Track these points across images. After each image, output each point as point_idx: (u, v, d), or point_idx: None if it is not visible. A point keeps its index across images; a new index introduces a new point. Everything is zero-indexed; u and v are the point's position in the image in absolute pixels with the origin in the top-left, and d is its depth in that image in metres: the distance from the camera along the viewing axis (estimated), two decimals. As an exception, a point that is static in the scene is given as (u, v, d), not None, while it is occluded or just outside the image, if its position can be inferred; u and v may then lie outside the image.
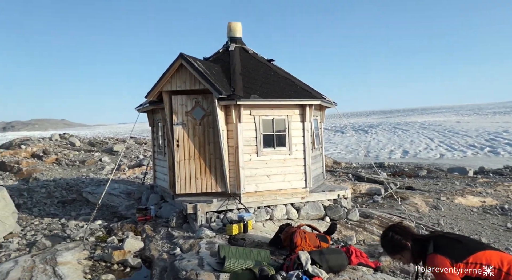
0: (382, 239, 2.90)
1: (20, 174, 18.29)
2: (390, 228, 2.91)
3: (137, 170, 17.14)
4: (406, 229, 2.85)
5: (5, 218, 7.13)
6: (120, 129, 60.20)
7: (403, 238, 2.75)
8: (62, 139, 26.19)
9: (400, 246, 2.74)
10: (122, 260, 5.72)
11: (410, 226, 3.01)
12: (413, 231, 2.90)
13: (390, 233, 2.83)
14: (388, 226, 3.05)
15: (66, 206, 9.49)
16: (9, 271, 5.00)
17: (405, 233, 2.79)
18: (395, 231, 2.83)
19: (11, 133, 55.65)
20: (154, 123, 9.28)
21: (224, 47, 8.85)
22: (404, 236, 2.76)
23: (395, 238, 2.78)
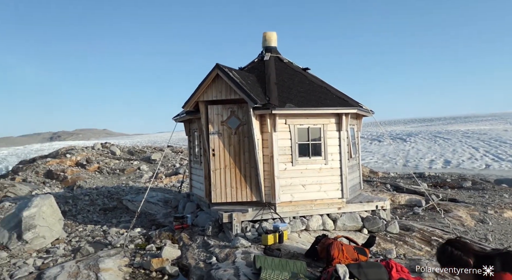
0: (440, 254, 2.67)
1: (66, 182, 19.27)
2: (449, 243, 2.69)
3: (174, 178, 17.54)
4: (466, 245, 2.62)
5: (52, 224, 7.51)
6: (158, 138, 62.03)
7: (463, 254, 2.53)
8: (104, 148, 27.35)
9: (460, 262, 2.53)
10: (160, 267, 5.83)
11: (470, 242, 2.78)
12: (474, 247, 2.68)
13: (449, 247, 2.61)
14: (447, 240, 2.83)
15: (107, 213, 9.85)
16: (56, 276, 5.24)
17: (466, 248, 2.57)
18: (454, 246, 2.61)
19: (58, 143, 58.88)
20: (190, 133, 9.48)
21: (259, 57, 8.93)
22: (465, 252, 2.55)
23: (454, 253, 2.56)
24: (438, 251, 2.70)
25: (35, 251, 6.93)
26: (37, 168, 21.62)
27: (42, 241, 7.17)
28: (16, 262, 6.29)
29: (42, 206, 7.54)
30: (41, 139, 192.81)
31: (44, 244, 7.18)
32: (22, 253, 6.78)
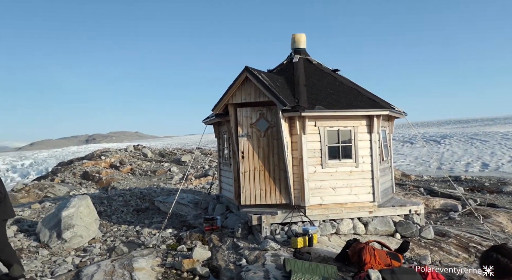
0: (484, 260, 2.54)
1: (100, 183, 19.99)
2: (495, 249, 2.53)
3: (203, 180, 17.78)
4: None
5: (89, 224, 7.81)
6: (187, 140, 63.18)
7: (510, 261, 2.41)
8: (136, 150, 28.16)
9: (507, 271, 2.40)
10: (191, 268, 5.93)
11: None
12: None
13: (495, 254, 2.46)
14: (492, 246, 2.66)
15: (140, 214, 10.12)
16: (93, 274, 5.44)
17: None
18: (501, 252, 2.45)
19: (93, 145, 61.22)
20: (219, 135, 9.59)
21: (288, 59, 8.91)
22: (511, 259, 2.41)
23: (501, 260, 2.40)
24: (482, 257, 2.55)
25: (73, 249, 7.24)
26: (74, 169, 22.56)
27: (80, 240, 7.47)
28: (56, 259, 6.60)
29: (79, 206, 7.86)
30: (78, 142, 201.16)
31: (82, 243, 7.48)
32: (61, 251, 7.09)
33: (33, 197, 17.20)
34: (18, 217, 8.94)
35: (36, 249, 7.06)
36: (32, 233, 7.77)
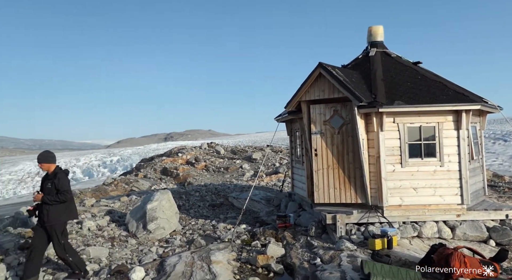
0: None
1: (178, 179, 21.22)
2: None
3: (274, 177, 17.92)
4: None
5: (170, 217, 8.32)
6: (258, 138, 64.23)
7: None
8: (210, 148, 29.38)
9: None
10: (265, 264, 6.00)
11: None
12: None
13: None
14: None
15: (215, 209, 10.52)
16: (175, 264, 5.78)
17: None
18: None
19: (171, 143, 65.29)
20: (292, 133, 9.55)
21: (364, 53, 8.54)
22: None
23: None
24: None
25: (157, 240, 7.77)
26: (155, 165, 24.26)
27: (162, 231, 7.99)
28: (143, 249, 7.14)
29: (162, 200, 8.41)
30: (157, 139, 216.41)
31: (164, 235, 7.99)
32: (147, 241, 7.66)
33: (120, 190, 18.89)
34: (109, 208, 9.86)
35: (125, 238, 7.71)
36: (122, 223, 8.50)
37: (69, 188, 5.67)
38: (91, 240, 7.42)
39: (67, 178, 5.73)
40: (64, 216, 5.66)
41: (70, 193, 5.67)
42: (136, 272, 5.45)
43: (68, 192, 5.62)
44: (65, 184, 5.59)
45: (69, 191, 5.66)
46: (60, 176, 5.62)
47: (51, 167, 5.74)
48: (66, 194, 5.56)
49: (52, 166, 5.76)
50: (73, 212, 5.83)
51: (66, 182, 5.67)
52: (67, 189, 5.58)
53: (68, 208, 5.69)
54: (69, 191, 5.66)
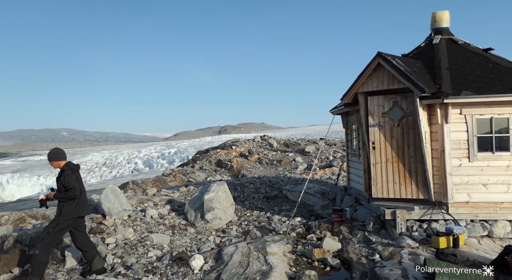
0: None
1: (232, 170, 21.69)
2: None
3: (328, 171, 17.64)
4: None
5: (226, 208, 8.56)
6: (310, 131, 63.47)
7: None
8: (263, 140, 29.62)
9: None
10: (321, 258, 5.97)
11: None
12: None
13: None
14: None
15: (270, 201, 10.63)
16: (233, 254, 5.95)
17: None
18: None
19: (224, 136, 66.81)
20: (348, 125, 9.32)
21: (427, 41, 8.05)
22: None
23: None
24: None
25: (214, 230, 8.04)
26: (210, 157, 25.00)
27: (219, 222, 8.25)
28: (201, 237, 7.43)
29: (218, 191, 8.67)
30: (212, 132, 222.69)
31: (220, 225, 8.25)
32: (204, 230, 7.96)
33: (178, 181, 19.77)
34: (169, 198, 10.36)
35: (185, 226, 8.08)
36: (181, 212, 8.91)
37: (76, 184, 5.54)
38: (154, 227, 7.87)
39: (74, 174, 5.61)
40: (74, 213, 5.59)
41: (78, 190, 5.55)
42: (196, 260, 5.70)
43: (75, 189, 5.51)
44: (71, 181, 5.51)
45: (77, 187, 5.54)
46: (66, 173, 5.58)
47: (60, 164, 5.71)
48: (73, 191, 5.49)
49: (61, 163, 5.73)
50: (83, 208, 5.73)
51: (73, 178, 5.55)
52: (73, 186, 5.49)
53: (78, 204, 5.62)
54: (77, 188, 5.54)
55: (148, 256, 6.39)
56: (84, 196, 5.82)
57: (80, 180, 5.73)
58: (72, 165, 5.77)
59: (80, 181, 5.72)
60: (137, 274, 5.50)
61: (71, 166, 5.72)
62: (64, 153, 5.88)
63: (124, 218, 8.04)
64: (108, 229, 7.39)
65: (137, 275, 5.48)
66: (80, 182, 5.73)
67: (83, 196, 5.77)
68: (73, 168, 5.70)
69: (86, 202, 5.90)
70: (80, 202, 5.65)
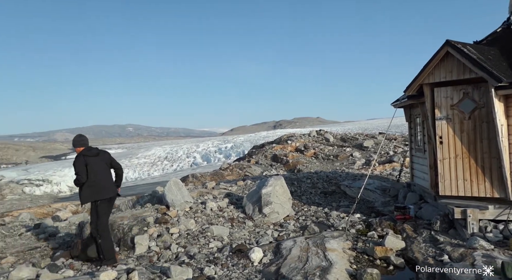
0: None
1: (287, 165, 21.67)
2: None
3: (388, 166, 16.92)
4: None
5: (283, 202, 8.59)
6: (368, 125, 61.27)
7: None
8: (319, 135, 29.18)
9: None
10: (384, 256, 5.75)
11: None
12: None
13: None
14: None
15: (327, 197, 10.46)
16: (291, 248, 5.96)
17: None
18: None
19: (280, 131, 66.94)
20: (411, 119, 8.85)
21: (504, 25, 7.35)
22: None
23: None
24: None
25: (271, 224, 8.11)
26: (265, 152, 25.20)
27: (276, 216, 8.30)
28: (259, 231, 7.54)
29: (275, 185, 8.72)
30: (267, 127, 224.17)
31: (278, 219, 8.29)
32: (262, 224, 8.06)
33: (235, 175, 20.20)
34: (228, 191, 10.63)
35: (243, 219, 8.25)
36: (239, 205, 9.10)
37: (80, 170, 5.65)
38: (214, 219, 8.13)
39: (80, 160, 5.71)
40: (89, 197, 5.77)
41: (83, 175, 5.65)
42: (255, 252, 5.80)
43: (79, 174, 5.63)
44: (76, 167, 5.69)
45: (81, 173, 5.64)
46: (74, 160, 5.79)
47: (79, 150, 5.90)
48: (78, 176, 5.64)
49: (79, 149, 5.91)
50: (98, 192, 5.81)
51: (78, 165, 5.69)
52: (77, 171, 5.66)
53: (93, 188, 5.75)
54: (81, 173, 5.64)
55: (209, 247, 6.62)
56: (105, 180, 5.95)
57: (96, 165, 5.83)
58: (86, 151, 5.90)
59: (96, 165, 5.83)
60: (199, 264, 5.73)
61: (84, 152, 5.85)
62: (84, 140, 6.03)
63: (186, 209, 8.40)
64: (172, 219, 7.77)
65: (199, 264, 5.71)
66: (97, 167, 5.85)
67: (103, 179, 5.90)
68: (86, 153, 5.84)
69: (108, 186, 5.98)
70: (95, 186, 5.78)
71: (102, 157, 6.02)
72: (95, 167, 5.82)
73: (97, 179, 5.83)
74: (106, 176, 6.03)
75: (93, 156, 5.89)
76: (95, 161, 5.87)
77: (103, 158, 6.04)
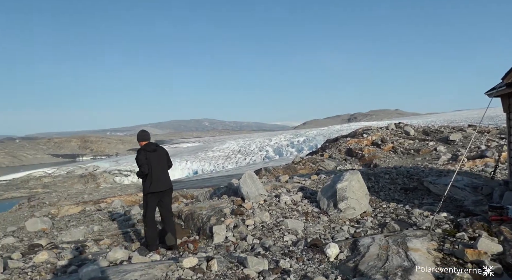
0: None
1: (363, 160, 20.86)
2: None
3: (478, 162, 15.34)
4: None
5: (360, 198, 8.26)
6: (455, 117, 56.16)
7: None
8: (397, 128, 27.55)
9: None
10: (476, 260, 5.20)
11: None
12: None
13: None
14: None
15: (408, 193, 9.82)
16: (369, 245, 5.70)
17: None
18: None
19: (354, 124, 64.74)
20: (510, 109, 7.85)
21: None
22: None
23: None
24: None
25: (347, 219, 7.85)
26: (339, 146, 24.55)
27: (353, 212, 8.01)
28: (334, 226, 7.35)
29: (351, 180, 8.42)
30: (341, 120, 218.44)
31: (354, 215, 8.00)
32: (337, 219, 7.85)
33: (308, 169, 20.02)
34: (301, 185, 10.55)
35: (317, 214, 8.12)
36: (313, 200, 8.97)
37: (142, 163, 6.13)
38: (288, 213, 8.13)
39: (141, 154, 6.20)
40: (148, 189, 6.24)
41: (145, 168, 6.11)
42: (331, 248, 5.65)
43: (141, 166, 6.11)
44: (139, 160, 6.16)
45: (143, 166, 6.12)
46: (136, 154, 6.28)
47: (141, 144, 6.41)
48: (140, 169, 6.12)
49: (142, 143, 6.41)
50: (156, 185, 6.28)
51: (141, 157, 6.17)
52: (139, 164, 6.14)
53: (152, 181, 6.21)
54: (143, 166, 6.11)
55: (284, 240, 6.63)
56: (160, 174, 6.38)
57: (154, 159, 6.28)
58: (146, 146, 6.38)
59: (153, 160, 6.27)
60: (275, 256, 5.77)
61: (144, 147, 6.33)
62: (146, 135, 6.51)
63: (260, 202, 8.53)
64: (247, 211, 7.95)
65: (275, 256, 5.75)
66: (154, 161, 6.28)
67: (158, 174, 6.33)
68: (145, 148, 6.31)
69: (163, 180, 6.42)
70: (154, 179, 6.24)
71: (159, 152, 6.51)
72: (152, 161, 6.31)
73: (153, 173, 6.29)
74: (161, 170, 6.47)
75: (151, 151, 6.39)
76: (153, 156, 6.35)
77: (160, 154, 6.50)
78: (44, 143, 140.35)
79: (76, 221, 10.04)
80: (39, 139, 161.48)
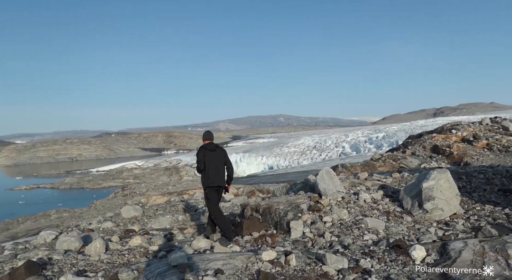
0: None
1: (451, 157, 19.15)
2: None
3: None
4: None
5: (449, 198, 7.60)
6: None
7: None
8: (493, 123, 24.75)
9: None
10: None
11: None
12: None
13: None
14: None
15: (508, 195, 8.77)
16: (461, 250, 5.23)
17: None
18: None
19: (441, 119, 59.82)
20: None
21: None
22: None
23: None
24: None
25: (434, 221, 7.29)
26: (424, 142, 22.85)
27: (440, 213, 7.42)
28: (420, 228, 6.88)
29: (439, 179, 7.79)
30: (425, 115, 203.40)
31: (442, 216, 7.40)
32: (423, 220, 7.33)
33: (388, 166, 19.00)
34: (381, 183, 10.06)
35: (400, 214, 7.67)
36: (395, 199, 8.49)
37: (200, 159, 6.83)
38: (367, 211, 7.82)
39: (200, 152, 6.91)
40: (205, 183, 6.93)
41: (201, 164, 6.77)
42: (417, 250, 5.31)
43: (199, 162, 6.81)
44: (196, 156, 6.89)
45: (200, 162, 6.80)
46: (197, 151, 6.98)
47: (205, 143, 7.11)
48: (198, 165, 6.86)
49: (205, 142, 7.11)
50: (211, 180, 6.93)
51: (199, 155, 6.89)
52: (197, 160, 6.86)
53: (208, 177, 6.87)
54: (200, 162, 6.79)
55: (364, 239, 6.41)
56: (216, 171, 7.00)
57: (211, 158, 6.96)
58: (207, 144, 7.09)
59: (210, 158, 6.95)
60: (354, 255, 5.60)
61: (205, 145, 7.05)
62: (210, 135, 7.17)
63: (338, 199, 8.33)
64: (324, 208, 7.83)
65: (354, 255, 5.58)
66: (211, 159, 6.94)
67: (214, 170, 6.96)
68: (206, 147, 7.03)
69: (217, 176, 7.04)
70: (210, 175, 6.92)
71: (218, 152, 7.15)
72: (209, 159, 7.00)
73: (209, 170, 6.98)
74: (217, 168, 7.10)
75: (210, 151, 7.04)
76: (211, 155, 7.03)
77: (218, 153, 7.15)
78: (135, 137, 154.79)
79: (163, 210, 10.87)
80: (131, 134, 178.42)
